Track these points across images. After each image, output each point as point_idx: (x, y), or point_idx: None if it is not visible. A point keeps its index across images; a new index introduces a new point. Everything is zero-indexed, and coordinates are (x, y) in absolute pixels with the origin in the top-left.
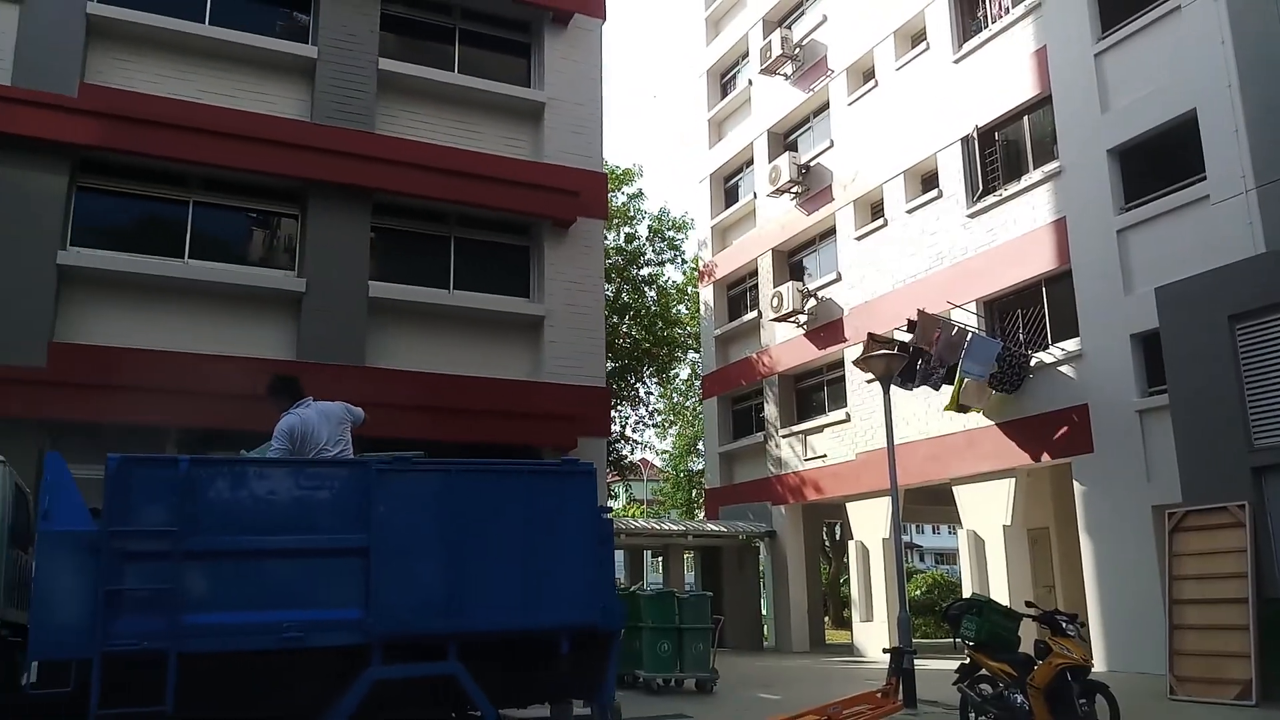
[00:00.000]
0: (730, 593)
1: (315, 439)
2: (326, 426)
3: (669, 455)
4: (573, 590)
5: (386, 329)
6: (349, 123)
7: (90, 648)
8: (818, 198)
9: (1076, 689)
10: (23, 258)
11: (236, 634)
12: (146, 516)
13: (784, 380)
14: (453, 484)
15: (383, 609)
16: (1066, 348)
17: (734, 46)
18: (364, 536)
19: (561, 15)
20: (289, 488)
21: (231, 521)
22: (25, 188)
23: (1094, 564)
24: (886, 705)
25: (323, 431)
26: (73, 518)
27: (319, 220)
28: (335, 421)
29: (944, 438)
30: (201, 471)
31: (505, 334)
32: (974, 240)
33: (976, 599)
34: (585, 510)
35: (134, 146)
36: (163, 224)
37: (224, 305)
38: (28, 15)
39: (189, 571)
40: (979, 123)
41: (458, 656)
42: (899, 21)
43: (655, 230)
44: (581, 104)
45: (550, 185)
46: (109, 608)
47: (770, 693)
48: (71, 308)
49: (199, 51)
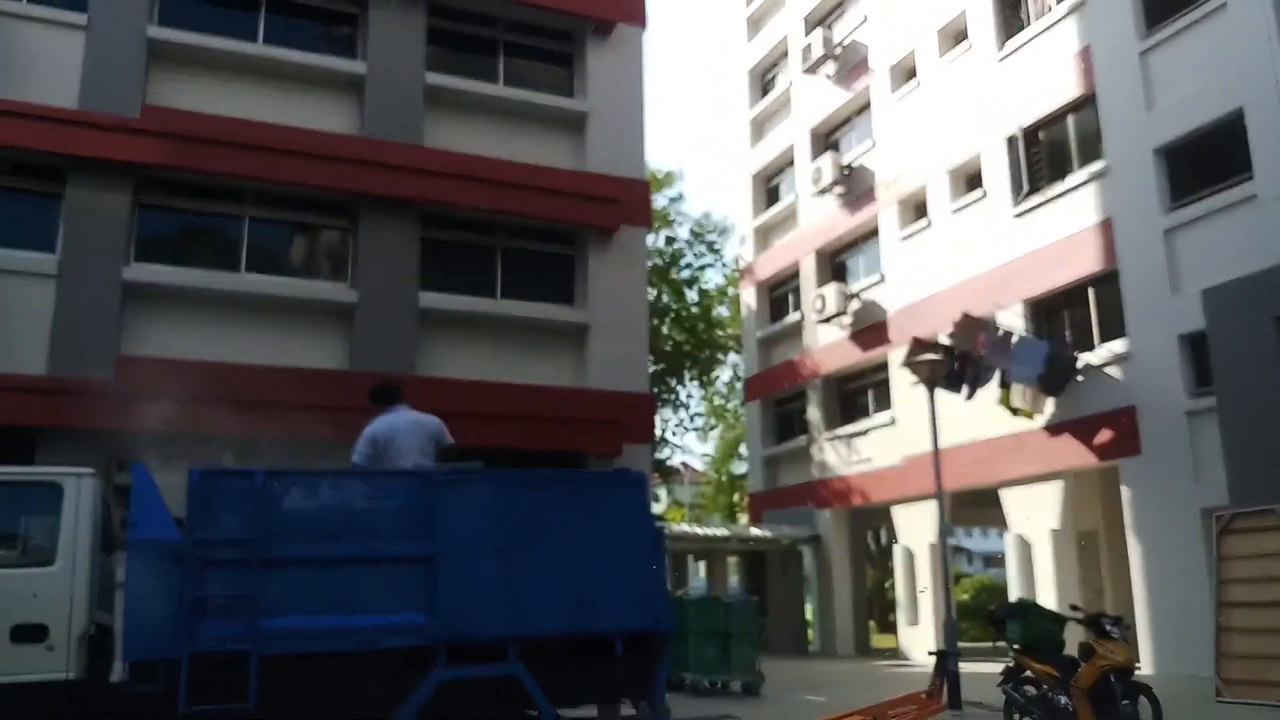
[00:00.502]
0: (774, 597)
1: (398, 447)
2: (413, 436)
3: (710, 458)
4: (626, 595)
5: (436, 338)
6: (398, 136)
7: (178, 649)
8: (860, 198)
9: (1120, 690)
10: (91, 275)
11: (312, 637)
12: (226, 526)
13: (828, 383)
14: (511, 494)
15: (447, 613)
16: (1114, 349)
17: (775, 46)
18: (428, 545)
19: (603, 25)
20: (357, 498)
21: (304, 530)
22: (92, 207)
23: (1142, 567)
24: (931, 706)
25: (406, 440)
26: (159, 527)
27: (370, 232)
28: (425, 435)
29: (991, 441)
30: (276, 483)
31: (550, 341)
32: (1019, 241)
33: (1022, 602)
34: (637, 518)
35: (193, 164)
36: (220, 239)
37: (279, 316)
38: (92, 40)
39: (266, 578)
40: (1023, 122)
41: (518, 658)
42: (941, 20)
43: (696, 234)
44: (624, 112)
45: (594, 194)
46: (194, 612)
47: (816, 695)
48: (136, 322)
49: (253, 70)
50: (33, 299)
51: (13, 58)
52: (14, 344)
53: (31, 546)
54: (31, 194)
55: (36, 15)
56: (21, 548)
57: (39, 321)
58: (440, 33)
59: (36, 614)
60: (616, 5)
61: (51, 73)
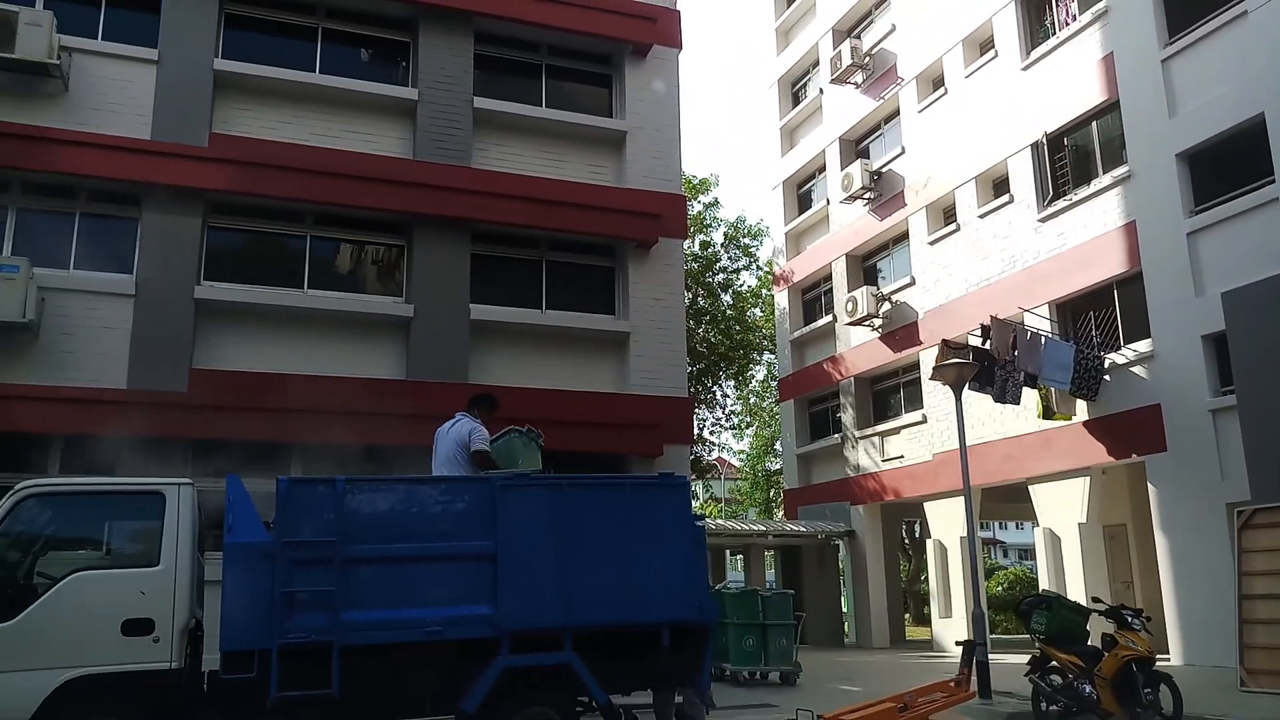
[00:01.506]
0: (810, 590)
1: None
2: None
3: (746, 455)
4: (671, 589)
5: (486, 348)
6: (448, 158)
7: (270, 640)
8: (890, 203)
9: (1141, 679)
10: (165, 294)
11: (388, 628)
12: (311, 528)
13: (860, 383)
14: (566, 496)
15: (509, 606)
16: (1138, 349)
17: (804, 56)
18: (491, 543)
19: (641, 47)
20: (427, 501)
21: (380, 531)
22: (166, 230)
23: (1169, 561)
24: (959, 694)
25: (441, 446)
26: (252, 531)
27: (423, 250)
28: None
29: (1020, 438)
30: (355, 489)
31: (593, 349)
32: (1045, 244)
33: (1046, 595)
34: (681, 518)
35: (257, 189)
36: (284, 257)
37: (340, 330)
38: (163, 74)
39: (347, 575)
40: (1048, 128)
41: (572, 647)
42: (967, 29)
43: (730, 237)
44: (660, 130)
45: (633, 209)
46: (283, 607)
47: (851, 685)
48: (207, 337)
49: (311, 98)
50: (113, 317)
51: (92, 92)
52: (98, 360)
53: (139, 549)
54: (111, 219)
55: (112, 52)
56: (130, 550)
57: (120, 338)
58: (486, 59)
59: (144, 610)
60: (653, 29)
61: (127, 106)
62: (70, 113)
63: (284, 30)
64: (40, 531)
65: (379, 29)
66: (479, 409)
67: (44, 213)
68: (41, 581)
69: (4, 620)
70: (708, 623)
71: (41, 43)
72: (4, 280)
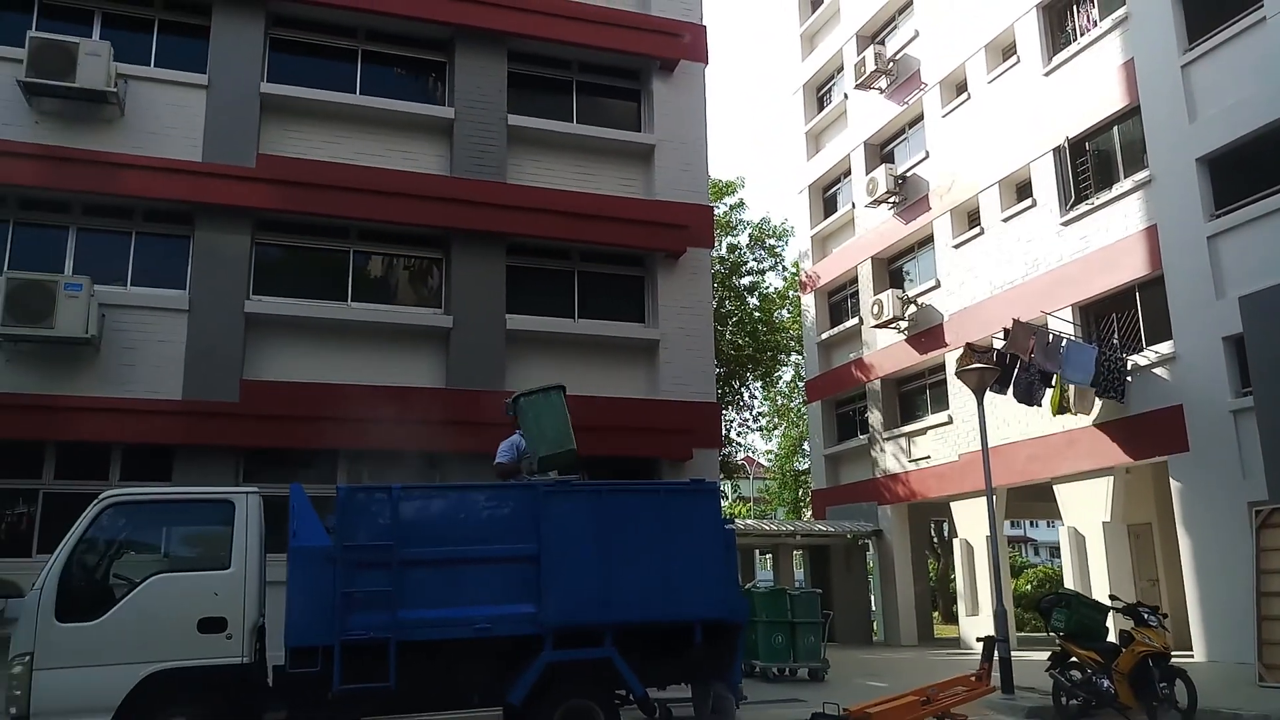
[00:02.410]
0: (839, 589)
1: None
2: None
3: (774, 455)
4: (704, 588)
5: (522, 356)
6: (484, 174)
7: (332, 637)
8: (915, 207)
9: (1157, 674)
10: (217, 308)
11: (440, 626)
12: (369, 533)
13: (886, 384)
14: (604, 502)
15: (552, 604)
16: (1160, 350)
17: (829, 61)
18: (535, 546)
19: (668, 63)
20: (476, 507)
21: (433, 535)
22: (216, 248)
23: (1192, 559)
24: (980, 688)
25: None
26: (314, 535)
27: (461, 263)
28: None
29: (1045, 438)
30: (408, 495)
31: (624, 357)
32: (1068, 247)
33: (1065, 593)
34: (712, 522)
35: (302, 207)
36: (328, 272)
37: (382, 341)
38: (213, 98)
39: (402, 576)
40: (1070, 133)
41: (612, 643)
42: (989, 35)
43: (756, 239)
44: (688, 143)
45: (661, 220)
46: (344, 606)
47: (878, 680)
48: (256, 349)
49: (352, 119)
50: (169, 331)
51: (146, 117)
52: (155, 372)
53: (212, 553)
54: (165, 237)
55: (164, 78)
56: (204, 554)
57: (175, 351)
58: (519, 77)
59: (218, 609)
60: (680, 45)
61: (179, 129)
62: (126, 137)
63: (326, 53)
64: (121, 537)
65: (416, 50)
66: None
67: (102, 232)
68: (124, 583)
69: (92, 619)
70: (738, 620)
71: (100, 72)
72: (68, 299)
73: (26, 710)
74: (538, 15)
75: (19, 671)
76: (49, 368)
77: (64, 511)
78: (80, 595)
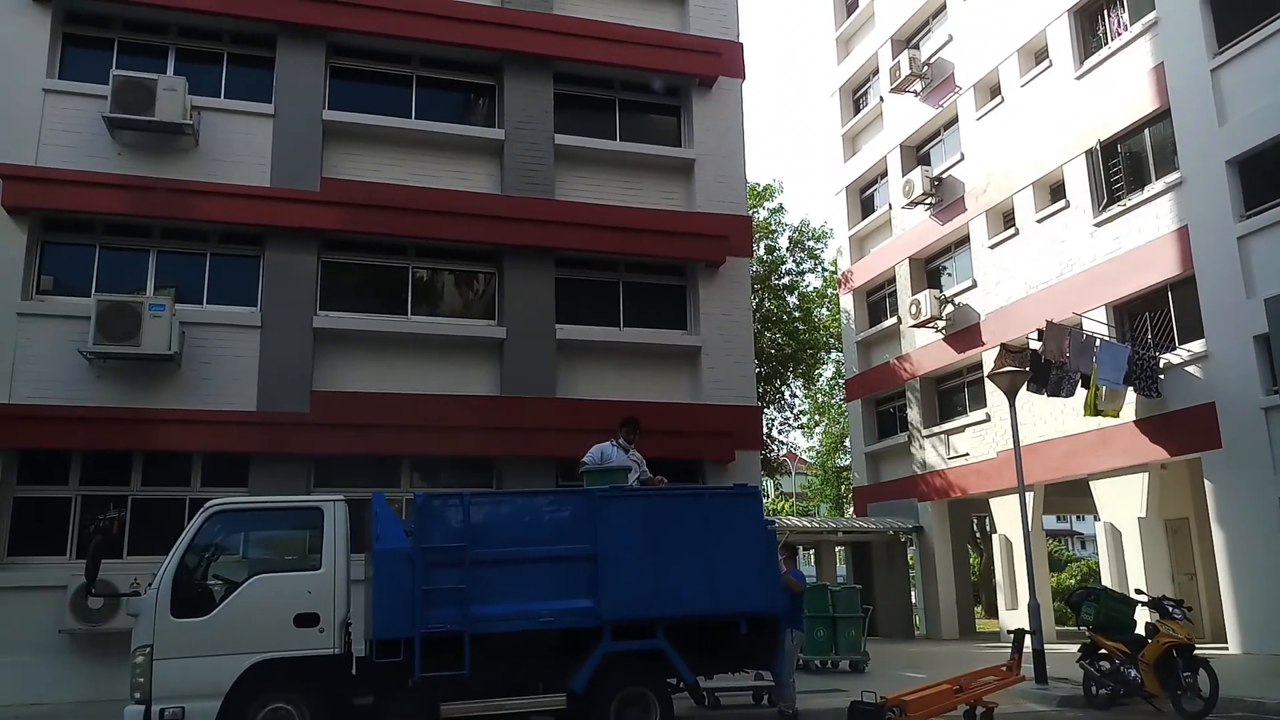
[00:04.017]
0: (881, 585)
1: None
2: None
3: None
4: (747, 584)
5: (571, 364)
6: (533, 192)
7: (413, 630)
8: (951, 208)
9: (1181, 664)
10: (287, 324)
11: (509, 619)
12: (443, 535)
13: (925, 383)
14: (655, 505)
15: (609, 599)
16: (1193, 349)
17: (864, 64)
18: (592, 546)
19: (706, 80)
20: (538, 511)
21: (500, 537)
22: (285, 267)
23: (1226, 553)
24: (1010, 678)
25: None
26: (395, 539)
27: (513, 276)
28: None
29: (1080, 435)
30: (477, 501)
31: (668, 363)
32: (1101, 248)
33: (1094, 588)
34: (754, 522)
35: (364, 227)
36: (389, 287)
37: (440, 352)
38: (279, 126)
39: (474, 574)
40: (1102, 136)
41: (664, 635)
42: (1022, 40)
43: (795, 240)
44: (726, 156)
45: (701, 232)
46: (423, 602)
47: (917, 672)
48: (324, 361)
49: (409, 142)
50: (243, 346)
51: (219, 145)
52: (231, 385)
53: (305, 555)
54: (237, 258)
55: (234, 108)
56: (299, 556)
57: (249, 365)
58: (564, 97)
59: (311, 605)
60: (717, 62)
61: (248, 156)
62: (200, 165)
63: (383, 80)
64: (225, 542)
65: (467, 75)
66: (624, 430)
67: (180, 254)
68: (228, 583)
69: (202, 615)
70: (779, 614)
71: (177, 105)
72: (153, 318)
73: (149, 695)
74: (582, 39)
75: (141, 661)
76: (135, 382)
77: (151, 516)
78: (191, 594)
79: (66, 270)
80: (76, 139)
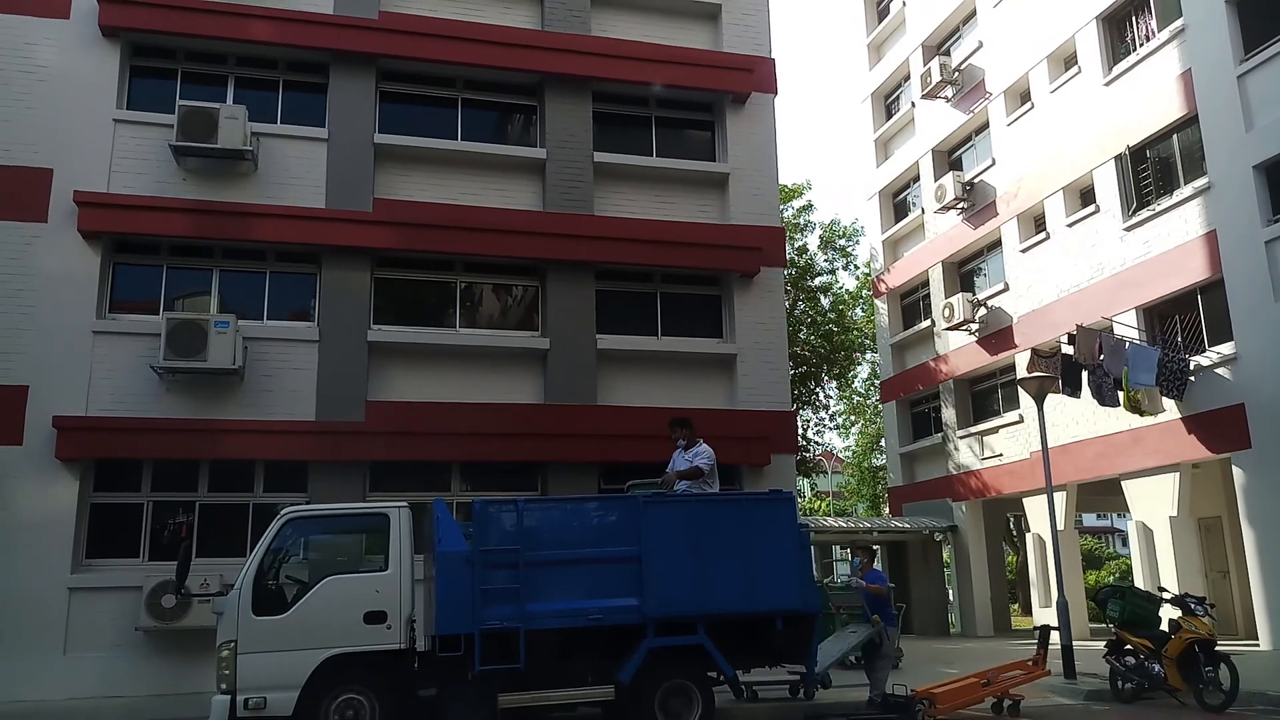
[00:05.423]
0: (916, 583)
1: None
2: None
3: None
4: (782, 583)
5: (612, 373)
6: (574, 208)
7: (473, 626)
8: (983, 212)
9: (1203, 658)
10: (343, 337)
11: (561, 616)
12: (500, 539)
13: (959, 384)
14: (695, 509)
15: (652, 598)
16: (1222, 351)
17: (896, 70)
18: (637, 548)
19: (739, 96)
20: (586, 515)
21: (552, 540)
22: (341, 283)
23: (1257, 551)
24: (1035, 672)
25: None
26: (455, 542)
27: (555, 290)
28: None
29: (1112, 436)
30: (530, 507)
31: (704, 370)
32: (1131, 252)
33: (1119, 586)
34: (789, 525)
35: (414, 245)
36: (438, 302)
37: (487, 363)
38: (333, 149)
39: (528, 575)
40: (1130, 141)
41: (704, 631)
42: (1051, 46)
43: (826, 240)
44: (759, 169)
45: (737, 244)
46: (482, 600)
47: (949, 668)
48: (378, 373)
49: (455, 163)
50: (301, 359)
51: (276, 169)
52: (291, 396)
53: (373, 557)
54: (295, 275)
55: (290, 134)
56: (366, 558)
57: (308, 378)
58: (603, 115)
59: (380, 604)
60: (750, 79)
61: (304, 179)
62: (260, 188)
63: (429, 102)
64: (300, 545)
65: (510, 96)
66: (679, 429)
67: (242, 273)
68: (303, 584)
69: (280, 613)
70: (813, 611)
71: (238, 132)
72: (218, 334)
73: (234, 685)
74: (619, 59)
75: (226, 655)
76: (202, 395)
77: (218, 520)
78: (269, 593)
79: (136, 290)
80: (145, 166)
